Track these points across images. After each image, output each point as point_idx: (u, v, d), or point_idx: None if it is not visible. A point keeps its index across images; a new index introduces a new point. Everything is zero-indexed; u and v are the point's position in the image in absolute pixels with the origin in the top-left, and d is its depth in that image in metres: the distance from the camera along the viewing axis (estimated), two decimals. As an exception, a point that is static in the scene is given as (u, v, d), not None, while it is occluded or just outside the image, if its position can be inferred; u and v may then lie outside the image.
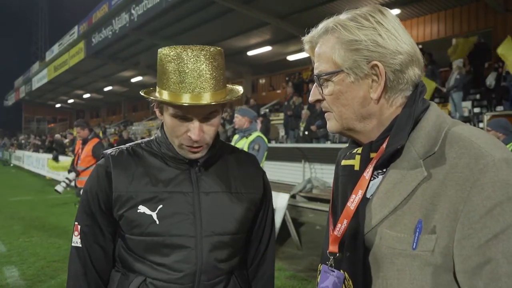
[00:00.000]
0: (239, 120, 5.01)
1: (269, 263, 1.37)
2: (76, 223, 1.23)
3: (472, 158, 0.76)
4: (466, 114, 9.74)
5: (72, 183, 6.61)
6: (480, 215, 0.72)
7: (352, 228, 0.89)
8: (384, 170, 0.88)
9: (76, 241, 1.21)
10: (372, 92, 0.88)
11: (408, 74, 0.87)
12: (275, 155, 10.17)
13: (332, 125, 0.95)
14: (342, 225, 0.91)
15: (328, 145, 10.67)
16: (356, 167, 0.93)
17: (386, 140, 0.87)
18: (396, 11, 12.22)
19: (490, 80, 10.13)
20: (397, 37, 0.86)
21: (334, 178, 1.04)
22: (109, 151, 1.24)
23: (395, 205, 0.83)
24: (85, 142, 6.53)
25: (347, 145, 1.04)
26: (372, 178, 0.89)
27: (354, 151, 0.95)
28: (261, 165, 5.28)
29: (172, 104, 1.07)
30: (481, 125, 8.09)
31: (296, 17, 14.07)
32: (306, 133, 11.96)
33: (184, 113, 1.09)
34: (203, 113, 1.10)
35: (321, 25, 0.93)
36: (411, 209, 0.81)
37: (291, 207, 8.56)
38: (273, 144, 11.84)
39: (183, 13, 14.44)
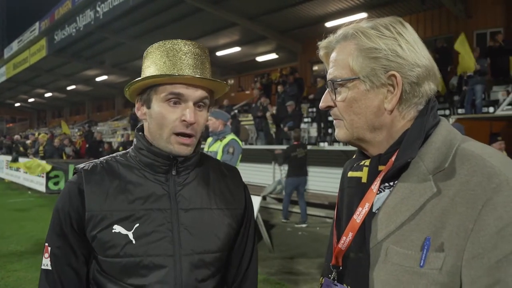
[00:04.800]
0: (213, 123, 4.91)
1: (252, 282, 1.31)
2: (46, 244, 1.13)
3: (484, 176, 0.75)
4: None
5: None
6: (491, 235, 0.71)
7: (357, 241, 0.87)
8: (392, 184, 0.87)
9: (46, 263, 1.12)
10: (387, 103, 0.87)
11: (424, 88, 0.86)
12: (246, 156, 10.12)
13: (341, 133, 0.93)
14: (347, 238, 0.89)
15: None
16: (364, 180, 0.90)
17: (395, 153, 0.86)
18: (363, 15, 12.46)
19: (453, 83, 10.51)
20: (416, 50, 0.85)
21: (339, 190, 1.02)
22: (81, 165, 1.17)
23: (402, 220, 0.81)
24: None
25: (312, 146, 1.01)
26: (378, 192, 0.88)
27: (362, 163, 0.93)
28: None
29: (173, 77, 1.06)
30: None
31: (265, 18, 14.11)
32: (275, 130, 12.04)
33: (181, 92, 1.07)
34: (198, 96, 1.09)
35: (340, 31, 0.92)
36: (419, 226, 0.79)
37: (262, 209, 8.55)
38: (243, 145, 11.79)
39: (150, 12, 14.19)
